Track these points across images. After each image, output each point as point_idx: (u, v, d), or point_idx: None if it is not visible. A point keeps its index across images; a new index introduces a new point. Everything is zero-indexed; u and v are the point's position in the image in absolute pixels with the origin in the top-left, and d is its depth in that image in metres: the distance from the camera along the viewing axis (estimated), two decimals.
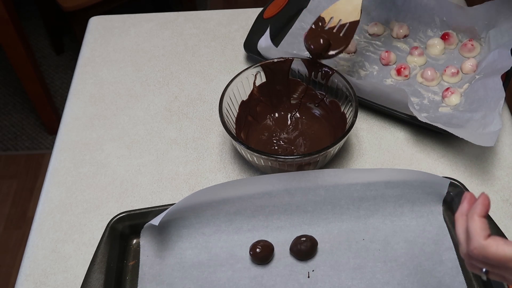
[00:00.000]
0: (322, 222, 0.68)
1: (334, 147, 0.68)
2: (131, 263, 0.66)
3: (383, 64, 0.87)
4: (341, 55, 0.89)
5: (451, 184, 0.67)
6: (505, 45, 0.81)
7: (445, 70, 0.84)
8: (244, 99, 0.77)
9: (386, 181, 0.66)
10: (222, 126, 0.70)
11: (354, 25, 0.76)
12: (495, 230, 0.62)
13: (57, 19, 2.09)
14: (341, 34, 0.75)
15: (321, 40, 0.74)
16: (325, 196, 0.67)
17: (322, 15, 0.77)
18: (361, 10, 0.75)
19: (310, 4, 0.96)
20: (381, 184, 0.66)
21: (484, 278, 0.48)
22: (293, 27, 0.93)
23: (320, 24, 0.77)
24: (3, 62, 2.12)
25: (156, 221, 0.63)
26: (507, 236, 0.62)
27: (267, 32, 0.83)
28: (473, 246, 0.46)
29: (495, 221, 0.64)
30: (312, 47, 0.74)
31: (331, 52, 0.75)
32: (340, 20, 0.75)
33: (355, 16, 0.76)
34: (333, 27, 0.76)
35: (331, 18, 0.76)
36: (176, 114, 0.84)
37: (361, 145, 0.78)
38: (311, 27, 0.77)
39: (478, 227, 0.46)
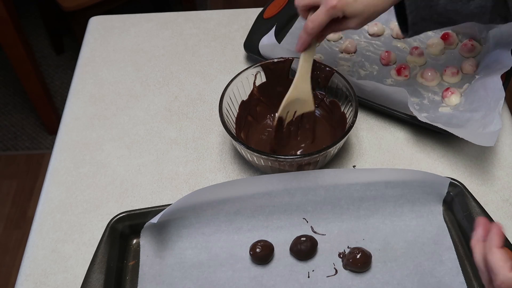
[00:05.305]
0: (322, 222, 0.68)
1: (334, 147, 0.68)
2: (131, 263, 0.66)
3: (383, 64, 0.87)
4: (341, 55, 0.89)
5: (451, 184, 0.67)
6: (505, 45, 0.81)
7: (445, 70, 0.84)
8: (244, 99, 0.77)
9: (386, 181, 0.66)
10: (222, 126, 0.70)
11: (310, 114, 0.74)
12: None
13: (57, 19, 2.09)
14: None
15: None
16: (325, 196, 0.67)
17: (279, 114, 0.72)
18: (314, 99, 0.73)
19: None
20: (381, 184, 0.66)
21: None
22: (293, 27, 0.93)
23: (281, 125, 0.73)
24: (3, 62, 2.12)
25: (155, 219, 0.63)
26: (507, 236, 0.62)
27: (272, 31, 0.84)
28: (500, 281, 0.46)
29: (495, 221, 0.63)
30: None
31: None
32: (295, 111, 0.73)
33: (309, 107, 0.73)
34: (291, 121, 0.74)
35: (287, 112, 0.72)
36: (176, 114, 0.84)
37: (361, 145, 0.78)
38: (273, 134, 0.73)
39: (499, 259, 0.47)
